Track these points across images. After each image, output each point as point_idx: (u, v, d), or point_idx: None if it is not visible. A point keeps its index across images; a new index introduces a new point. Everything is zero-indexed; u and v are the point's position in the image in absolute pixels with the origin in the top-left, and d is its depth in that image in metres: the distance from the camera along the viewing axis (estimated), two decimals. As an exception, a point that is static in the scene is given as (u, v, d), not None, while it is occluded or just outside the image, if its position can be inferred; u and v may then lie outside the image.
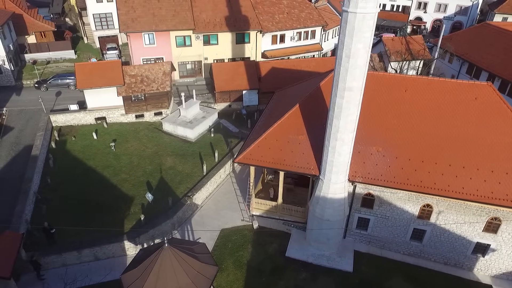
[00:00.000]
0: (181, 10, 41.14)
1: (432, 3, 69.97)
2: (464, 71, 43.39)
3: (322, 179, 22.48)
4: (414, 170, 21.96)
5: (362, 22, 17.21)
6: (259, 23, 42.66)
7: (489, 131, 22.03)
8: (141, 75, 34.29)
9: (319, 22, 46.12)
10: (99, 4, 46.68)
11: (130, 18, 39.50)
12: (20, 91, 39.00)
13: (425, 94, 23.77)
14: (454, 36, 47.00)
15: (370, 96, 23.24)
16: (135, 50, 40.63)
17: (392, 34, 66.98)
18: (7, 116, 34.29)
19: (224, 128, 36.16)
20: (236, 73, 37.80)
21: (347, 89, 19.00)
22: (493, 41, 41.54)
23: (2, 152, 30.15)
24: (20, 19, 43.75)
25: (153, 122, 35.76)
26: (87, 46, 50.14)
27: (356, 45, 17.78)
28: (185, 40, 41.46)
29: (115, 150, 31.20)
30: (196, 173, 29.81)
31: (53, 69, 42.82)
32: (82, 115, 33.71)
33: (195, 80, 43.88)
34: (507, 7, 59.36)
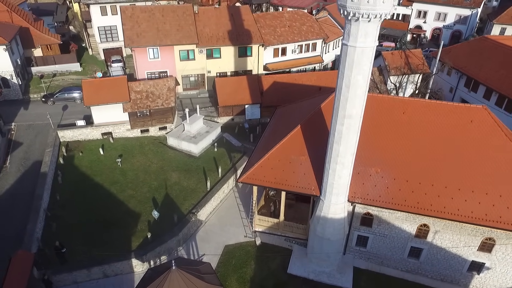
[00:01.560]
0: (185, 24, 42.00)
1: (432, 12, 70.71)
2: (463, 84, 44.19)
3: (323, 200, 23.31)
4: (411, 192, 22.78)
5: (361, 56, 18.04)
6: (261, 37, 43.49)
7: (484, 154, 22.83)
8: (146, 91, 35.16)
9: (320, 35, 46.92)
10: (104, 17, 47.57)
11: (135, 33, 40.37)
12: (28, 105, 39.90)
13: (423, 116, 24.59)
14: (453, 48, 47.78)
15: (370, 118, 23.99)
16: (139, 64, 41.50)
17: (392, 43, 67.84)
18: (16, 131, 35.21)
19: (227, 142, 37.00)
20: (238, 88, 38.64)
21: (347, 116, 19.83)
22: (491, 55, 42.29)
23: (12, 168, 31.08)
24: (27, 32, 44.61)
25: (158, 137, 36.61)
26: (92, 58, 51.04)
27: (355, 76, 18.62)
28: (188, 54, 42.31)
29: (122, 166, 32.07)
30: (200, 189, 30.67)
31: (59, 82, 43.71)
32: (89, 131, 34.59)
33: (198, 93, 44.74)
34: (505, 18, 60.12)
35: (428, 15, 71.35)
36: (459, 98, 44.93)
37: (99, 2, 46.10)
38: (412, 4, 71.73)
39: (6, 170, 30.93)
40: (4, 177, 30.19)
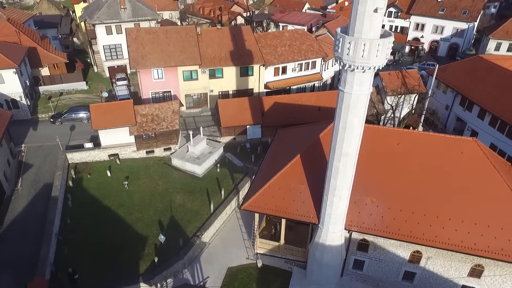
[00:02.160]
0: (188, 45, 43.32)
1: (429, 25, 72.02)
2: (458, 103, 45.42)
3: (321, 228, 24.63)
4: (405, 221, 24.10)
5: (356, 101, 19.35)
6: (262, 57, 44.80)
7: (474, 185, 24.15)
8: (151, 114, 36.49)
9: (319, 53, 48.24)
10: (109, 36, 48.87)
11: (140, 55, 41.70)
12: (36, 125, 41.23)
13: (416, 147, 25.91)
14: (448, 67, 49.00)
15: (366, 148, 25.22)
16: (144, 85, 42.83)
17: (391, 56, 69.12)
18: (26, 153, 36.53)
19: (230, 162, 38.30)
20: (240, 109, 39.95)
21: (343, 154, 21.14)
22: (485, 75, 43.47)
23: (23, 191, 32.41)
24: (34, 52, 45.91)
25: (163, 157, 37.92)
26: (97, 75, 52.36)
27: (351, 119, 19.92)
28: (192, 74, 43.63)
29: (128, 188, 33.38)
30: (204, 211, 31.98)
31: (66, 101, 45.04)
32: (96, 152, 35.91)
33: (201, 111, 46.07)
34: (501, 33, 61.38)
35: (426, 28, 72.68)
36: (454, 116, 46.21)
37: (105, 22, 47.38)
38: (410, 17, 73.05)
39: (18, 193, 32.26)
40: (16, 200, 31.52)
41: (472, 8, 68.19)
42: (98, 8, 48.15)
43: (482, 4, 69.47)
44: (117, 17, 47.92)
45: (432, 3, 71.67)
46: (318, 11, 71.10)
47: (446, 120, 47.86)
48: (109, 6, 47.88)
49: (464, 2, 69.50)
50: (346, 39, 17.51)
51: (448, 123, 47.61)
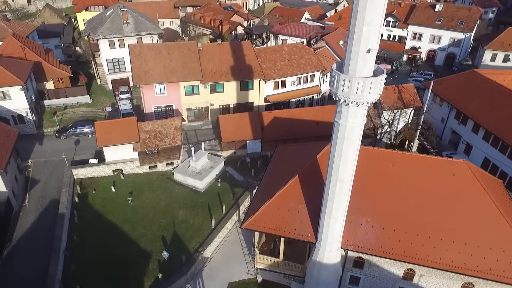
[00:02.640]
0: (189, 61, 44.40)
1: (427, 35, 73.12)
2: (453, 116, 46.53)
3: (318, 247, 25.72)
4: (398, 241, 25.21)
5: (351, 132, 20.44)
6: (262, 72, 45.89)
7: (464, 206, 25.27)
8: (154, 130, 37.59)
9: (318, 67, 49.32)
10: (112, 50, 49.93)
11: (143, 70, 42.78)
12: (42, 140, 42.30)
13: (410, 169, 27.01)
14: (444, 80, 50.11)
15: (361, 169, 26.29)
16: (147, 99, 43.91)
17: (388, 66, 70.20)
18: (33, 168, 37.62)
19: (230, 176, 39.40)
20: (241, 124, 41.05)
21: (339, 180, 22.23)
22: (480, 90, 44.56)
23: (31, 207, 33.51)
24: (39, 66, 46.95)
25: (165, 172, 39.00)
26: (100, 88, 53.42)
27: (346, 148, 21.01)
28: (193, 89, 44.73)
29: (132, 204, 34.48)
30: (205, 226, 33.08)
31: (70, 115, 46.11)
32: (101, 168, 36.99)
33: (202, 124, 47.16)
34: (496, 44, 62.45)
35: (423, 37, 73.78)
36: (449, 129, 47.32)
37: (108, 37, 48.44)
38: (408, 27, 74.12)
39: (25, 209, 33.35)
40: (24, 216, 32.62)
41: (469, 19, 69.26)
42: (102, 23, 49.20)
43: (479, 15, 70.54)
44: (120, 32, 48.97)
45: (430, 13, 72.76)
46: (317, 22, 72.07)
47: (442, 132, 48.99)
48: (112, 21, 48.94)
49: (461, 13, 70.59)
50: (341, 77, 18.62)
51: (444, 136, 48.72)
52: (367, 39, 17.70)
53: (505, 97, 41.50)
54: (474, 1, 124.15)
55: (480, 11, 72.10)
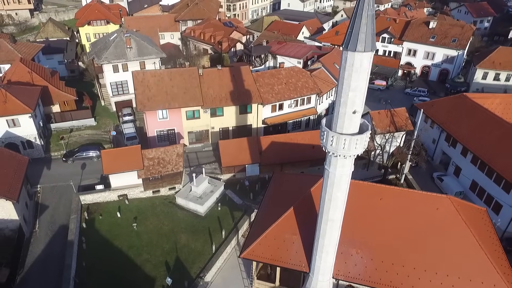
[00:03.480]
0: (191, 87, 46.33)
1: (421, 51, 75.08)
2: (443, 138, 48.50)
3: (311, 276, 27.70)
4: (385, 271, 27.21)
5: (340, 179, 22.40)
6: (260, 96, 47.82)
7: (447, 239, 27.26)
8: (157, 157, 39.52)
9: (314, 90, 51.25)
10: (116, 73, 51.82)
11: (146, 97, 44.71)
12: (50, 164, 44.22)
13: (397, 203, 29.01)
14: (436, 103, 52.08)
15: (352, 202, 28.20)
16: (150, 124, 45.86)
17: (384, 82, 72.20)
18: (42, 194, 39.54)
19: (230, 199, 41.32)
20: (240, 149, 42.99)
21: (329, 220, 24.20)
22: (469, 114, 46.54)
23: (41, 233, 35.47)
24: (46, 90, 48.81)
25: (168, 196, 40.90)
26: (104, 109, 55.30)
27: (335, 193, 22.98)
28: (194, 113, 46.67)
29: (137, 229, 36.39)
30: (206, 251, 35.03)
31: (76, 138, 48.01)
32: (107, 194, 38.92)
33: (203, 146, 49.11)
34: (487, 63, 64.40)
35: (418, 54, 75.75)
36: (440, 151, 49.30)
37: (112, 62, 50.34)
38: (403, 43, 76.06)
39: (36, 235, 35.29)
40: (35, 242, 34.55)
41: (461, 36, 71.20)
42: (106, 48, 51.08)
43: (471, 33, 72.50)
44: (124, 57, 50.86)
45: (424, 30, 74.72)
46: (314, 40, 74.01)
47: (433, 152, 50.96)
48: (116, 46, 50.83)
49: (454, 30, 72.54)
50: (330, 134, 20.60)
51: (435, 156, 50.71)
52: (353, 102, 19.70)
53: (492, 123, 43.48)
54: (470, 11, 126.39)
55: (473, 29, 74.08)
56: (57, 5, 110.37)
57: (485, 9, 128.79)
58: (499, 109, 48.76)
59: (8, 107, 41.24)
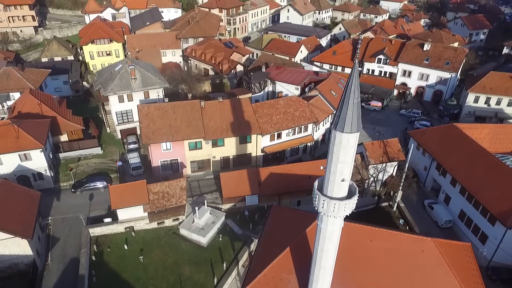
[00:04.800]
0: (193, 119, 48.63)
1: (416, 72, 77.38)
2: (434, 167, 50.79)
3: (307, 314, 29.97)
4: (374, 311, 29.49)
5: (330, 234, 24.67)
6: (259, 127, 50.13)
7: (431, 280, 29.55)
8: (162, 191, 41.82)
9: (311, 119, 53.55)
10: (121, 103, 54.05)
11: (151, 130, 47.01)
12: (59, 195, 46.48)
13: (386, 244, 31.27)
14: (427, 131, 54.45)
15: (343, 244, 30.45)
16: (154, 155, 48.18)
17: (379, 103, 74.51)
18: (53, 226, 41.81)
19: (230, 229, 43.61)
20: (240, 180, 45.29)
21: (322, 267, 26.47)
22: (458, 145, 48.78)
23: (53, 266, 37.77)
24: (54, 121, 51.06)
25: (172, 227, 43.18)
26: (110, 136, 57.54)
27: (327, 245, 25.25)
28: (196, 144, 48.98)
29: (143, 261, 38.67)
30: (208, 283, 37.36)
31: (84, 167, 50.27)
32: (114, 226, 41.21)
33: (205, 174, 51.42)
34: (479, 88, 66.66)
35: (412, 75, 78.03)
36: (431, 178, 51.58)
37: (117, 93, 52.60)
38: (398, 64, 78.33)
39: (48, 268, 37.57)
40: (48, 275, 36.83)
41: (454, 59, 73.49)
42: (111, 79, 53.31)
43: (464, 56, 74.80)
44: (129, 88, 53.09)
45: (418, 52, 77.01)
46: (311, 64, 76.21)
47: (425, 178, 53.26)
48: (121, 77, 53.06)
49: (448, 53, 74.84)
50: (321, 198, 22.89)
51: (427, 182, 53.02)
52: (341, 172, 22.01)
53: (480, 156, 45.76)
54: (466, 23, 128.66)
55: (465, 52, 76.36)
56: (60, 21, 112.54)
57: (481, 21, 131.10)
58: (487, 139, 51.25)
59: (21, 143, 43.52)
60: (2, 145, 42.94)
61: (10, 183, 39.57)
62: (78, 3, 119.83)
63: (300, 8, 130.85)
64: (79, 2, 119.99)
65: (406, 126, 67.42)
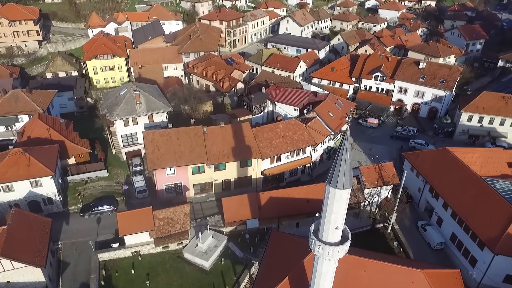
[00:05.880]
0: (196, 145, 50.72)
1: (412, 90, 79.48)
2: (427, 189, 52.89)
3: None
4: None
5: (326, 274, 26.80)
6: (259, 151, 52.24)
7: (420, 311, 31.71)
8: (167, 217, 43.93)
9: (309, 142, 55.67)
10: (127, 127, 56.17)
11: (156, 156, 49.12)
12: (68, 218, 48.57)
13: (378, 275, 33.40)
14: (421, 154, 56.53)
15: (339, 275, 32.56)
16: (159, 179, 50.30)
17: (376, 120, 76.65)
18: (63, 251, 43.89)
19: (232, 252, 45.72)
20: (241, 205, 47.40)
21: (318, 301, 28.58)
22: (450, 169, 50.80)
23: (65, 292, 39.87)
24: (62, 145, 53.16)
25: (176, 250, 45.27)
26: (115, 158, 59.63)
27: (322, 283, 27.37)
28: (199, 168, 51.07)
29: (150, 286, 40.75)
30: (212, 307, 39.50)
31: (91, 190, 52.38)
32: (122, 251, 43.30)
33: (207, 196, 53.55)
34: (472, 107, 68.80)
35: (408, 92, 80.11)
36: (425, 200, 53.66)
37: (123, 118, 54.70)
38: (395, 82, 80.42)
39: (60, 293, 39.71)
40: (59, 301, 38.96)
41: (449, 78, 75.61)
42: (117, 104, 55.42)
43: (458, 74, 76.93)
44: (134, 112, 55.19)
45: (414, 70, 79.13)
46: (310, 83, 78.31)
47: (419, 199, 55.35)
48: (127, 102, 55.16)
49: (442, 71, 76.95)
50: (317, 243, 25.01)
51: (420, 203, 55.09)
52: (335, 221, 24.14)
53: (470, 180, 47.79)
54: (463, 34, 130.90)
55: (459, 70, 78.46)
56: (64, 34, 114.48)
57: (477, 32, 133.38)
58: (478, 162, 53.30)
59: (32, 171, 45.62)
60: (15, 173, 45.06)
61: (23, 212, 41.66)
62: (81, 16, 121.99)
63: (299, 20, 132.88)
64: (82, 15, 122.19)
65: (402, 144, 69.44)
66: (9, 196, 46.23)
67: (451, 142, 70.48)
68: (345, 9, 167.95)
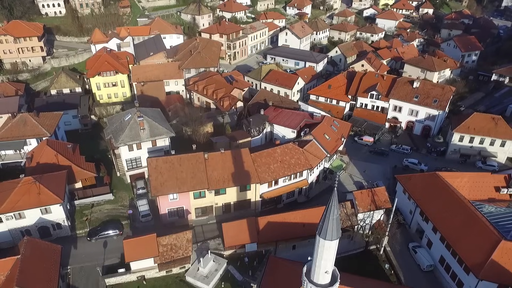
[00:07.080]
0: (197, 171, 53.24)
1: (406, 108, 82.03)
2: (418, 212, 55.38)
3: None
4: None
5: (317, 309, 29.31)
6: (258, 176, 54.77)
7: None
8: (170, 244, 46.48)
9: (306, 166, 58.21)
10: (131, 152, 58.69)
11: (159, 182, 51.64)
12: (76, 242, 51.08)
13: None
14: (412, 177, 59.06)
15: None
16: (162, 204, 52.84)
17: (371, 138, 79.16)
18: (72, 276, 46.40)
19: (232, 276, 48.25)
20: (240, 230, 49.95)
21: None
22: (439, 194, 53.31)
23: (74, 316, 42.37)
24: (69, 170, 55.68)
25: (179, 274, 47.80)
26: (120, 180, 62.14)
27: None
28: (200, 193, 53.59)
29: (155, 312, 43.42)
30: (213, 331, 41.98)
31: (97, 214, 54.89)
32: (127, 276, 45.81)
33: (208, 219, 56.07)
34: (463, 128, 71.33)
35: (403, 110, 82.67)
36: (416, 223, 56.16)
37: (127, 143, 57.20)
38: (389, 100, 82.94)
39: (70, 318, 42.22)
40: (70, 325, 41.47)
41: (442, 97, 78.13)
42: (122, 129, 57.90)
43: (450, 94, 79.48)
44: (138, 138, 57.65)
45: (408, 89, 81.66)
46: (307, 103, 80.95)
47: (410, 221, 57.85)
48: (131, 128, 57.65)
49: (435, 91, 79.49)
50: (309, 285, 27.55)
51: (412, 225, 57.60)
52: (325, 266, 26.70)
53: (458, 206, 50.35)
54: (458, 45, 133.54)
55: (452, 90, 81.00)
56: (67, 48, 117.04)
57: (473, 43, 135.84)
58: (466, 186, 55.89)
59: (42, 199, 48.12)
60: (26, 201, 47.58)
61: (35, 241, 44.11)
62: (84, 30, 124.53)
63: (297, 32, 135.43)
64: (85, 29, 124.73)
65: (395, 164, 71.95)
66: (21, 223, 48.75)
67: (443, 161, 73.15)
68: (343, 19, 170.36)
